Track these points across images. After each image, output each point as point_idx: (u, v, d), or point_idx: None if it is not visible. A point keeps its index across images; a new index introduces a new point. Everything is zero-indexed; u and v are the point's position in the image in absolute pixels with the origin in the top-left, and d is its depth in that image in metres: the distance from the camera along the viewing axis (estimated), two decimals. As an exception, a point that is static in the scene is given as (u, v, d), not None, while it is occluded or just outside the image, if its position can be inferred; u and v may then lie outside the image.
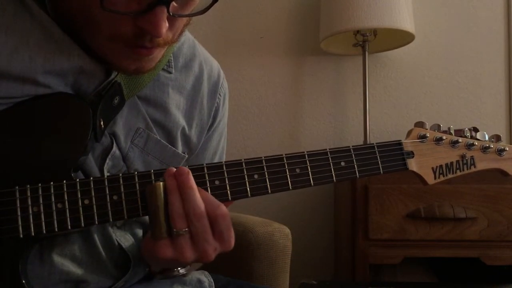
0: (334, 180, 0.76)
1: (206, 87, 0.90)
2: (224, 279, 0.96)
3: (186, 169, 0.69)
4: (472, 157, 0.83)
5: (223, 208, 0.69)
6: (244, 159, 0.73)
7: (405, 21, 1.75)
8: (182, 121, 0.86)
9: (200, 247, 0.68)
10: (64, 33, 0.69)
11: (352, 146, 0.78)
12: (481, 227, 1.52)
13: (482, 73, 2.05)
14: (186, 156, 0.87)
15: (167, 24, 0.64)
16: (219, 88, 0.93)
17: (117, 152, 0.77)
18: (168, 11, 0.63)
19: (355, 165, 0.78)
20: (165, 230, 0.68)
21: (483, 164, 0.83)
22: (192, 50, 0.89)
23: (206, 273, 0.92)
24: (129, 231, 0.83)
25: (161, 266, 0.79)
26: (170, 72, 0.84)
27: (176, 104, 0.84)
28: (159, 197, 0.67)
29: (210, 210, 0.68)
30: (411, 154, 0.81)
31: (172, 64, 0.84)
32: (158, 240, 0.68)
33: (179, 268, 0.78)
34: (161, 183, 0.68)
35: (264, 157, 0.74)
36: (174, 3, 0.64)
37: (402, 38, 1.89)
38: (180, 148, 0.86)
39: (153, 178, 0.70)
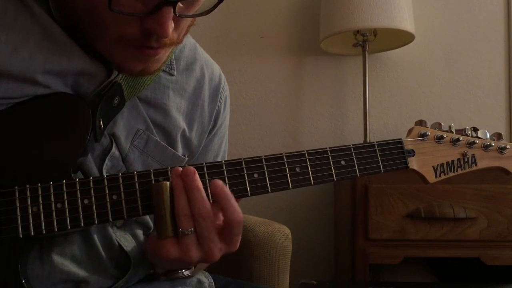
0: (335, 178, 0.76)
1: (207, 90, 0.90)
2: (224, 279, 0.96)
3: (193, 169, 0.69)
4: (473, 155, 0.83)
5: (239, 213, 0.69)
6: (244, 158, 0.73)
7: (405, 21, 1.75)
8: (182, 124, 0.86)
9: (205, 247, 0.68)
10: (65, 33, 0.69)
11: (353, 145, 0.78)
12: (481, 227, 1.52)
13: (482, 73, 2.05)
14: (186, 158, 0.87)
15: (173, 25, 0.64)
16: (220, 91, 0.93)
17: (117, 153, 0.77)
18: (174, 12, 0.64)
19: (355, 164, 0.77)
20: (171, 229, 0.68)
21: (484, 162, 0.83)
22: (194, 53, 0.90)
23: (206, 273, 0.92)
24: (129, 231, 0.83)
25: (165, 266, 0.79)
26: (171, 74, 0.84)
27: (176, 106, 0.84)
28: (165, 196, 0.67)
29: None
30: (411, 153, 0.81)
31: (174, 66, 0.85)
32: (163, 239, 0.68)
33: (183, 270, 0.78)
34: (168, 182, 0.68)
35: (264, 156, 0.73)
36: (180, 4, 0.64)
37: (402, 38, 1.88)
38: (180, 150, 0.86)
39: (152, 177, 0.70)
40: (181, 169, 0.69)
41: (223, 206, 0.68)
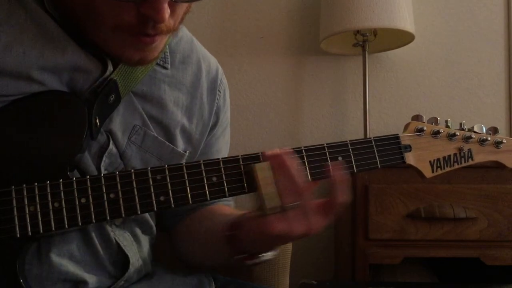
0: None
1: (205, 83, 0.90)
2: (224, 279, 0.96)
3: (286, 149, 0.73)
4: (469, 150, 0.83)
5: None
6: (241, 155, 0.73)
7: (405, 21, 1.75)
8: (181, 118, 0.85)
9: (308, 220, 0.72)
10: (60, 28, 0.69)
11: (350, 141, 0.78)
12: (481, 227, 1.51)
13: (482, 73, 2.04)
14: (186, 154, 0.87)
15: (169, 10, 0.65)
16: (218, 84, 0.93)
17: (114, 149, 0.77)
18: None
19: (353, 160, 0.77)
20: (276, 205, 0.71)
21: (480, 156, 0.83)
22: (190, 46, 0.90)
23: (207, 273, 0.92)
24: (128, 229, 0.83)
25: (266, 244, 0.79)
26: (165, 68, 0.84)
27: (174, 100, 0.84)
28: (267, 175, 0.71)
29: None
30: (408, 148, 0.81)
31: (168, 60, 0.85)
32: (269, 214, 0.70)
33: (268, 253, 0.80)
34: (267, 162, 0.71)
35: (261, 153, 0.73)
36: None
37: (402, 38, 1.88)
38: (180, 145, 0.85)
39: (149, 175, 0.69)
40: (275, 150, 0.73)
41: (335, 186, 0.73)
